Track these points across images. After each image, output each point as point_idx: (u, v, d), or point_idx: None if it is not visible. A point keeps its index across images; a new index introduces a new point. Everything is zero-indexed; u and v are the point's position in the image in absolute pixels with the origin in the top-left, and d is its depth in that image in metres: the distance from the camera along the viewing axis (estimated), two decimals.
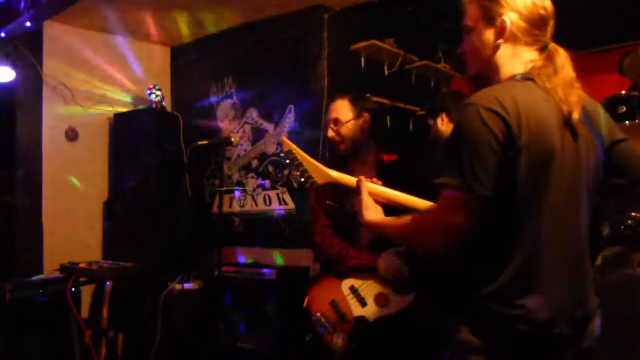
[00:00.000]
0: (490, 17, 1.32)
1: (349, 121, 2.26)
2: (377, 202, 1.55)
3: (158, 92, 4.05)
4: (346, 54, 3.63)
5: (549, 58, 1.31)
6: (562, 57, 1.32)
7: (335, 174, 1.60)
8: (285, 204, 3.78)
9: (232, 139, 2.67)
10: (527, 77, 1.29)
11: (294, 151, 1.60)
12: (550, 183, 1.23)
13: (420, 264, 2.08)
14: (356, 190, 1.53)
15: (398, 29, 3.79)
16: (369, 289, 2.18)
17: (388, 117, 3.77)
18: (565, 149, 1.25)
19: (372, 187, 1.55)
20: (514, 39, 1.31)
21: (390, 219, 1.44)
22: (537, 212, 1.23)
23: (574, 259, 1.29)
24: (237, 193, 3.97)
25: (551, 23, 1.34)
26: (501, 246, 1.24)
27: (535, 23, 1.31)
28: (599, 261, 2.41)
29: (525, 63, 1.32)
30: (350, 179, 1.62)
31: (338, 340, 2.12)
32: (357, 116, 2.27)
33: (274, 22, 3.89)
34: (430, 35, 3.99)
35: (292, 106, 3.78)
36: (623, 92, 2.91)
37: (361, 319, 2.13)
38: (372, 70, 3.72)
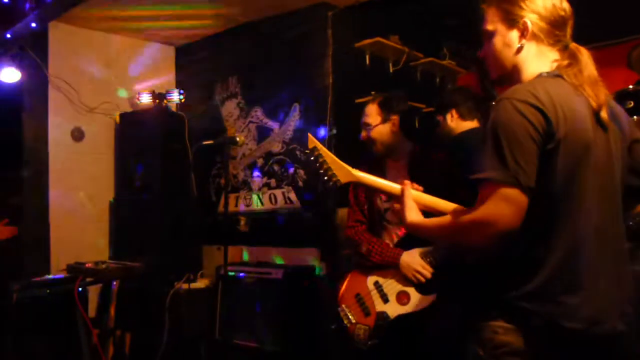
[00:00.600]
0: (511, 19, 1.34)
1: (377, 125, 2.36)
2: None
3: (176, 94, 4.07)
4: (351, 52, 3.61)
5: (573, 57, 1.33)
6: (585, 56, 1.34)
7: (358, 174, 1.58)
8: (291, 202, 3.78)
9: (237, 139, 2.67)
10: (555, 74, 1.30)
11: (319, 148, 1.57)
12: (587, 177, 1.22)
13: (458, 261, 2.07)
14: (401, 195, 1.48)
15: (403, 25, 3.77)
16: (393, 286, 2.24)
17: None
18: (598, 143, 1.26)
19: (414, 194, 1.51)
20: (536, 40, 1.33)
21: (433, 219, 1.40)
22: (575, 205, 1.22)
23: (616, 252, 1.27)
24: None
25: (570, 23, 1.35)
26: (540, 242, 1.22)
27: (555, 24, 1.32)
28: None
29: (551, 62, 1.33)
30: (373, 180, 1.59)
31: (359, 333, 2.19)
32: (384, 120, 2.36)
33: (278, 20, 3.89)
34: (435, 32, 3.97)
35: (297, 104, 3.78)
36: (631, 86, 2.88)
37: (382, 314, 2.19)
38: (377, 67, 3.70)
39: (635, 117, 2.68)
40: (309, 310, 3.41)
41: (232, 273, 3.47)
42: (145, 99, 4.08)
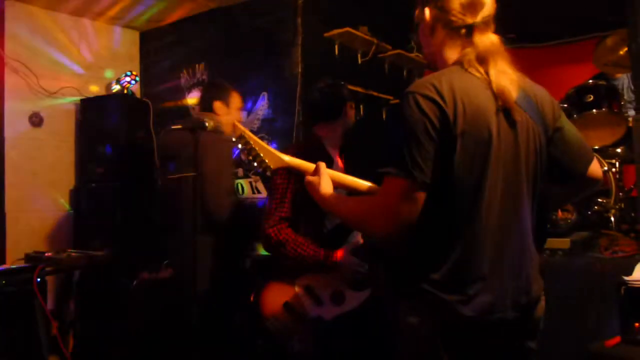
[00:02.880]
0: (422, 9, 1.40)
1: None
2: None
3: (128, 78, 3.95)
4: (320, 41, 3.61)
5: (483, 48, 1.32)
6: (495, 46, 1.33)
7: (287, 159, 1.58)
8: (259, 192, 3.75)
9: (207, 124, 2.61)
10: (464, 67, 1.31)
11: (246, 135, 1.57)
12: (488, 169, 1.25)
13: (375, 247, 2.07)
14: (315, 170, 1.52)
15: (372, 17, 3.79)
16: (324, 287, 2.14)
17: (361, 106, 3.78)
18: (502, 135, 1.27)
19: (332, 172, 1.54)
20: (447, 28, 1.35)
21: (341, 197, 1.46)
22: (476, 199, 1.25)
23: (517, 245, 1.31)
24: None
25: (489, 13, 1.35)
26: (443, 234, 1.26)
27: (465, 11, 1.33)
28: (567, 245, 2.49)
29: (460, 52, 1.34)
30: (303, 163, 1.59)
31: (295, 343, 2.08)
32: None
33: (248, 7, 3.84)
34: (403, 24, 4.01)
35: (265, 93, 3.75)
36: (590, 81, 3.00)
37: (318, 319, 2.09)
38: (345, 58, 3.71)
39: (594, 110, 2.81)
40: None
41: (198, 262, 3.42)
42: (108, 84, 3.97)
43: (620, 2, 2.43)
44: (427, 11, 1.38)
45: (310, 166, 1.56)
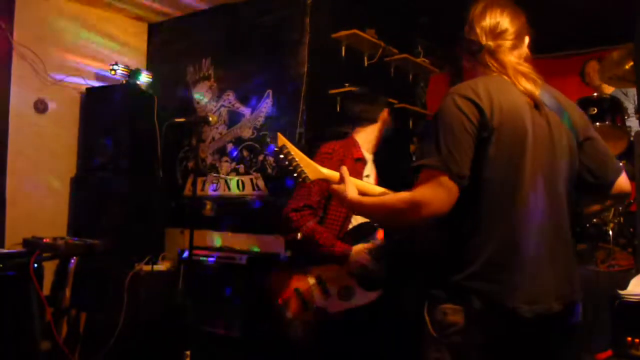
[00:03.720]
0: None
1: None
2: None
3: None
4: (327, 42, 3.61)
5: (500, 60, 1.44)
6: (512, 60, 1.45)
7: (325, 171, 1.65)
8: (259, 189, 3.76)
9: (210, 118, 2.64)
10: (496, 73, 1.42)
11: (288, 146, 1.62)
12: (525, 164, 1.30)
13: (407, 252, 2.12)
14: (341, 177, 1.57)
15: (380, 20, 3.80)
16: (335, 280, 2.20)
17: None
18: (537, 131, 1.34)
19: (355, 180, 1.60)
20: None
21: (371, 198, 1.50)
22: (513, 191, 1.29)
23: (556, 238, 1.34)
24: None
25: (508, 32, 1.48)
26: (481, 226, 1.29)
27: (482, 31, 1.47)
28: None
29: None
30: (336, 175, 1.64)
31: (296, 329, 2.14)
32: None
33: (256, 4, 3.85)
34: (411, 29, 4.02)
35: (270, 91, 3.75)
36: (595, 94, 3.01)
37: (321, 310, 2.15)
38: (352, 59, 3.72)
39: (598, 123, 2.81)
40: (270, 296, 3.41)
41: (196, 257, 3.43)
42: (120, 72, 3.96)
43: (627, 15, 2.43)
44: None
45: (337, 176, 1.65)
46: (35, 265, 2.91)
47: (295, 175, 1.62)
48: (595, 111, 2.82)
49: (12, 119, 3.76)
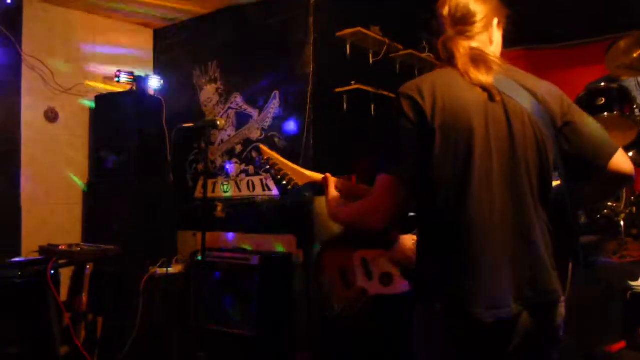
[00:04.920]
0: None
1: None
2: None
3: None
4: (332, 41, 3.62)
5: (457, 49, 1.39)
6: (467, 48, 1.38)
7: (310, 174, 1.74)
8: (269, 190, 3.78)
9: (218, 122, 2.66)
10: (452, 65, 1.36)
11: (273, 158, 1.75)
12: (473, 163, 1.25)
13: None
14: (323, 184, 1.67)
15: (384, 17, 3.80)
16: (379, 265, 2.28)
17: (372, 105, 3.79)
18: (490, 125, 1.27)
19: (341, 181, 1.69)
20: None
21: (342, 202, 1.58)
22: (462, 192, 1.25)
23: (517, 238, 1.26)
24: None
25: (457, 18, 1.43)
26: (436, 229, 1.30)
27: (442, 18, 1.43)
28: None
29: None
30: (319, 177, 1.76)
31: (334, 305, 2.22)
32: None
33: (261, 6, 3.86)
34: (415, 25, 4.00)
35: (277, 92, 3.77)
36: (602, 84, 2.97)
37: (361, 290, 2.22)
38: (357, 57, 3.73)
39: (606, 113, 2.78)
40: (283, 296, 3.44)
41: (209, 258, 3.47)
42: (124, 80, 4.02)
43: (635, 3, 2.41)
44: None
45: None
46: (52, 271, 2.97)
47: (284, 182, 1.74)
48: (603, 101, 2.78)
49: (24, 129, 3.82)
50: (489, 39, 1.43)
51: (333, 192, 1.63)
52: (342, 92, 3.61)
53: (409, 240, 2.25)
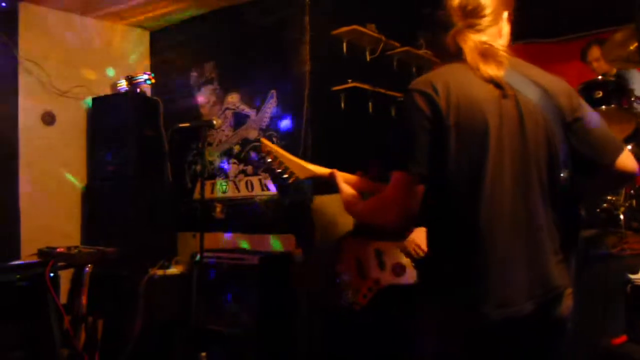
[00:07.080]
0: None
1: None
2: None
3: (144, 77, 4.00)
4: (328, 39, 3.62)
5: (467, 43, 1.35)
6: (478, 42, 1.35)
7: (313, 168, 1.69)
8: (268, 189, 3.78)
9: (214, 122, 2.67)
10: (462, 60, 1.34)
11: (273, 151, 1.68)
12: (488, 160, 1.25)
13: None
14: (331, 181, 1.64)
15: (380, 14, 3.79)
16: (392, 255, 2.32)
17: (370, 103, 3.78)
18: (503, 121, 1.27)
19: (349, 177, 1.66)
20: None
21: (357, 196, 1.56)
22: (477, 189, 1.24)
23: (529, 235, 1.27)
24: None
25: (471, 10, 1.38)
26: (449, 226, 1.29)
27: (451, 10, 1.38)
28: None
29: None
30: (325, 171, 1.71)
31: (349, 293, 2.29)
32: None
33: (256, 6, 3.86)
34: (411, 21, 4.00)
35: (274, 91, 3.77)
36: (600, 77, 2.97)
37: (374, 280, 2.29)
38: (353, 55, 3.72)
39: (604, 106, 2.78)
40: (283, 296, 3.43)
41: (208, 259, 3.46)
42: (121, 82, 4.02)
43: None
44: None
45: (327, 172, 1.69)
46: (52, 274, 2.95)
47: (285, 176, 1.68)
48: (601, 94, 2.78)
49: (21, 132, 3.82)
50: (499, 32, 1.41)
51: (346, 187, 1.59)
52: (339, 90, 3.60)
53: (421, 231, 2.25)
